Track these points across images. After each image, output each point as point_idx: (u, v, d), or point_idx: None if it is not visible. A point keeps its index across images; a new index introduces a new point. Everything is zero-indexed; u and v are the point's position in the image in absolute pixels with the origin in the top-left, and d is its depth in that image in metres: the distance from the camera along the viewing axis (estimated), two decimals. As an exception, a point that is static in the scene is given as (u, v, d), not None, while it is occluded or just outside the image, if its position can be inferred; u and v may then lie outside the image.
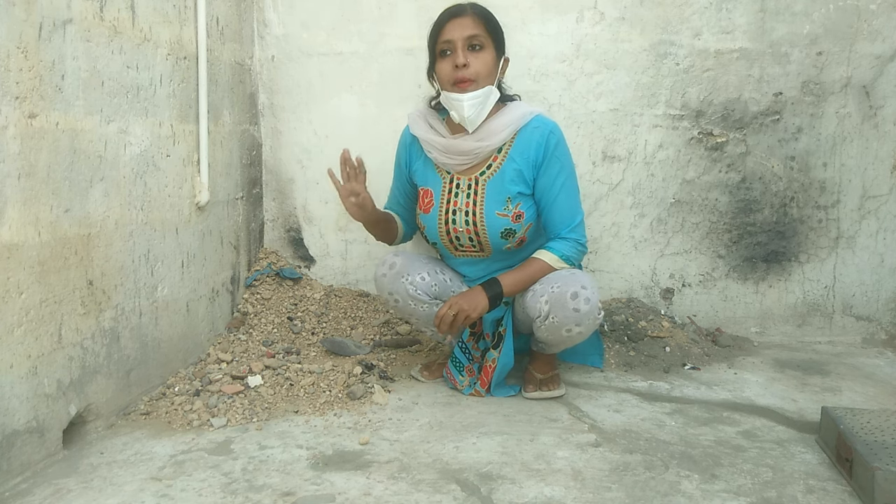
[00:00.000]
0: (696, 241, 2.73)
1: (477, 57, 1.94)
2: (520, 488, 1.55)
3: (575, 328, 1.92)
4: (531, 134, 1.99)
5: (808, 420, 1.95)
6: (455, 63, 1.92)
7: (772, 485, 1.58)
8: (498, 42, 1.99)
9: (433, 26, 1.99)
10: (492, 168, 2.02)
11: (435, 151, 2.05)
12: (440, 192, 2.08)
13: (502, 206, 2.01)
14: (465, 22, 1.94)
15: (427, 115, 2.10)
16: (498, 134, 1.98)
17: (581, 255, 2.04)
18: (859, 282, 2.72)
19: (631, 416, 1.97)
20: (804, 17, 2.61)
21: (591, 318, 1.91)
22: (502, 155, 2.01)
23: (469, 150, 1.99)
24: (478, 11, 1.97)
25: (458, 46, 1.92)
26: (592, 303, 1.90)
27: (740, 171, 2.69)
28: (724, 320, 2.76)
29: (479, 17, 1.96)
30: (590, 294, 1.89)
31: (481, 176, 2.03)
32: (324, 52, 2.74)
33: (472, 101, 1.93)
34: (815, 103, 2.64)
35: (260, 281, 2.72)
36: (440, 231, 2.09)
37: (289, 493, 1.53)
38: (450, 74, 1.94)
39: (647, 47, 2.64)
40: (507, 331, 2.09)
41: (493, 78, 1.98)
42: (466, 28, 1.93)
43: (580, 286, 1.90)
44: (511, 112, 2.01)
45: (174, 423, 1.89)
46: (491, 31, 1.96)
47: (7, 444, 1.52)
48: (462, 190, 2.04)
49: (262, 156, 2.83)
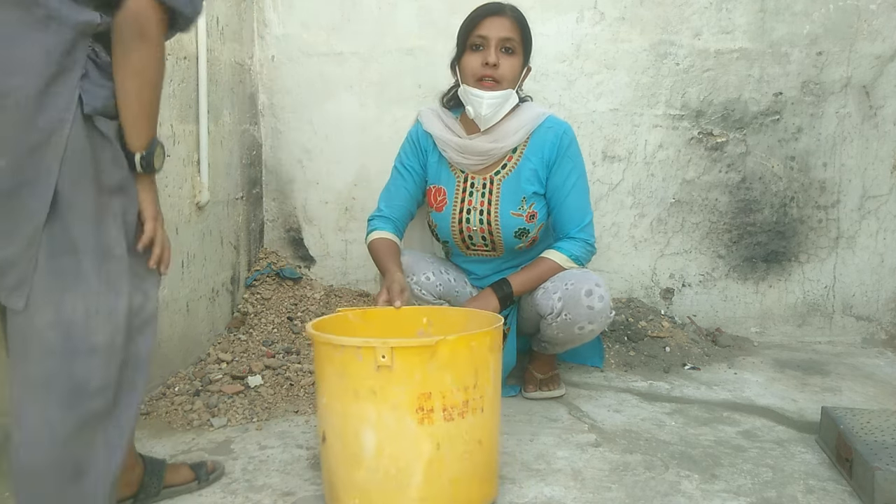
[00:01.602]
0: (696, 241, 2.73)
1: (507, 60, 1.93)
2: (520, 488, 1.55)
3: (588, 325, 1.91)
4: (545, 134, 2.00)
5: (808, 420, 1.95)
6: (486, 60, 1.90)
7: (772, 485, 1.58)
8: (527, 50, 1.99)
9: (469, 18, 1.96)
10: (507, 168, 2.02)
11: (450, 150, 2.03)
12: (454, 191, 2.06)
13: (517, 206, 2.01)
14: (504, 23, 1.92)
15: (441, 113, 2.08)
16: (513, 135, 1.98)
17: (589, 256, 2.03)
18: (859, 282, 2.72)
19: (631, 416, 1.97)
20: (804, 17, 2.61)
21: (603, 315, 1.91)
22: (517, 155, 2.02)
23: (485, 151, 1.99)
24: (517, 16, 1.96)
25: (492, 45, 1.90)
26: (606, 301, 1.90)
27: (740, 171, 2.69)
28: (724, 320, 2.76)
29: (517, 21, 1.94)
30: (603, 292, 1.90)
31: (496, 176, 2.03)
32: (324, 52, 2.74)
33: (491, 101, 1.92)
34: (815, 103, 2.65)
35: (260, 281, 2.72)
36: (453, 230, 2.08)
37: (289, 493, 1.53)
38: (477, 70, 1.92)
39: (647, 47, 2.64)
40: (511, 329, 2.09)
41: (515, 83, 1.97)
42: (504, 29, 1.91)
43: (594, 284, 1.90)
44: (525, 113, 2.01)
45: (174, 423, 1.89)
46: (524, 38, 1.96)
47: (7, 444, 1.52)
48: (477, 189, 2.04)
49: (262, 156, 2.83)
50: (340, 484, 1.38)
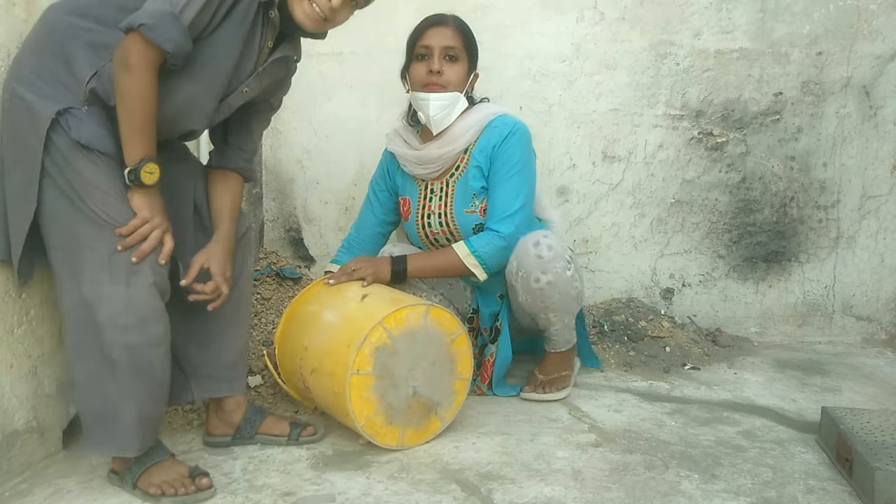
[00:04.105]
0: (696, 241, 2.73)
1: (451, 66, 2.02)
2: (520, 488, 1.55)
3: (543, 277, 1.92)
4: (492, 132, 2.05)
5: (808, 420, 1.95)
6: (430, 69, 2.01)
7: (772, 485, 1.58)
8: (472, 57, 2.08)
9: (414, 30, 2.07)
10: (459, 169, 2.09)
11: (409, 164, 2.12)
12: (416, 199, 2.15)
13: (469, 204, 2.07)
14: (446, 32, 2.03)
15: (402, 131, 2.17)
16: (461, 137, 2.05)
17: (499, 251, 1.97)
18: (859, 282, 2.72)
19: (631, 416, 1.97)
20: (804, 17, 2.61)
21: (557, 266, 1.92)
22: (468, 155, 2.08)
23: (438, 157, 2.06)
24: (459, 25, 2.06)
25: (435, 54, 2.01)
26: (556, 251, 1.92)
27: (740, 171, 2.69)
28: (724, 320, 2.76)
29: (459, 30, 2.05)
30: (552, 242, 1.93)
31: (451, 178, 2.11)
32: (324, 52, 2.73)
33: (438, 102, 2.01)
34: (815, 103, 2.64)
35: (260, 281, 2.72)
36: (419, 234, 2.16)
37: (289, 493, 1.53)
38: (423, 78, 2.02)
39: (647, 47, 2.64)
40: (503, 325, 2.11)
41: (462, 87, 2.05)
42: (446, 38, 2.02)
43: (542, 235, 1.94)
44: (474, 114, 2.07)
45: (174, 423, 1.88)
46: (467, 46, 2.05)
47: (7, 444, 1.52)
48: (435, 194, 2.12)
49: (262, 156, 2.83)
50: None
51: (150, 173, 1.41)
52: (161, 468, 1.51)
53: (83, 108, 1.42)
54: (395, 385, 1.70)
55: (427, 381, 1.74)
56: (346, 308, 1.81)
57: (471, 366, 1.83)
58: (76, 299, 1.42)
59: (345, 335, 1.70)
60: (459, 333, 1.78)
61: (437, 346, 1.75)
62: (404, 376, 1.71)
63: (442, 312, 1.77)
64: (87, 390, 1.47)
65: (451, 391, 1.80)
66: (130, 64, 1.37)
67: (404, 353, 1.70)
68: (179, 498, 1.47)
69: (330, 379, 1.70)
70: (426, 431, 1.78)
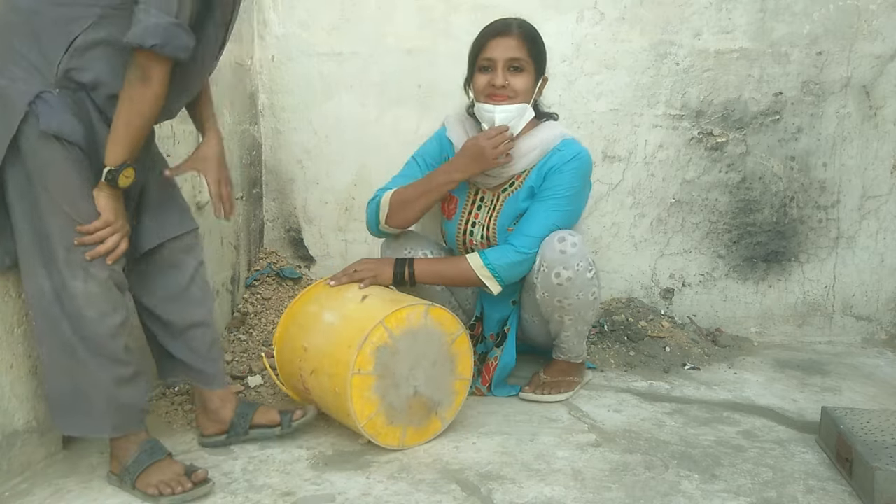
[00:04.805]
0: (696, 241, 2.73)
1: (516, 78, 1.91)
2: (520, 488, 1.55)
3: (564, 272, 1.87)
4: (553, 155, 1.96)
5: (808, 420, 1.95)
6: (493, 83, 1.90)
7: (772, 485, 1.58)
8: (539, 64, 1.95)
9: (476, 39, 1.95)
10: (514, 185, 2.01)
11: None
12: (464, 202, 2.08)
13: (512, 222, 2.00)
14: (510, 43, 1.90)
15: (465, 122, 2.06)
16: (526, 156, 1.96)
17: (513, 266, 1.92)
18: (859, 282, 2.72)
19: (631, 416, 1.97)
20: (804, 17, 2.61)
21: (580, 265, 1.87)
22: (524, 174, 2.00)
23: (498, 173, 1.98)
24: (524, 32, 1.92)
25: (499, 66, 1.89)
26: (579, 248, 1.88)
27: (740, 171, 2.69)
28: (724, 320, 2.76)
29: (524, 38, 1.91)
30: (577, 240, 1.89)
31: (503, 193, 2.03)
32: (324, 52, 2.73)
33: (503, 114, 1.90)
34: (815, 103, 2.65)
35: (260, 281, 2.72)
36: (458, 240, 2.10)
37: (289, 493, 1.53)
38: (486, 90, 1.92)
39: (647, 47, 2.64)
40: (511, 330, 2.09)
41: (529, 97, 1.94)
42: (510, 49, 1.89)
43: (568, 233, 1.90)
44: (541, 133, 1.98)
45: (174, 423, 1.88)
46: (534, 55, 1.92)
47: (7, 444, 1.52)
48: (485, 204, 2.05)
49: (262, 156, 2.83)
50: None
51: (127, 177, 1.44)
52: (158, 468, 1.51)
53: (54, 91, 1.39)
54: (397, 385, 1.70)
55: (428, 381, 1.74)
56: (346, 309, 1.81)
57: (471, 366, 1.83)
58: (39, 288, 1.44)
59: (345, 335, 1.70)
60: (460, 333, 1.78)
61: (437, 346, 1.75)
62: (405, 376, 1.71)
63: (442, 312, 1.76)
64: (54, 373, 1.49)
65: (451, 391, 1.80)
66: (150, 77, 1.38)
67: (405, 352, 1.70)
68: (177, 496, 1.47)
69: (331, 379, 1.70)
70: (427, 431, 1.78)
